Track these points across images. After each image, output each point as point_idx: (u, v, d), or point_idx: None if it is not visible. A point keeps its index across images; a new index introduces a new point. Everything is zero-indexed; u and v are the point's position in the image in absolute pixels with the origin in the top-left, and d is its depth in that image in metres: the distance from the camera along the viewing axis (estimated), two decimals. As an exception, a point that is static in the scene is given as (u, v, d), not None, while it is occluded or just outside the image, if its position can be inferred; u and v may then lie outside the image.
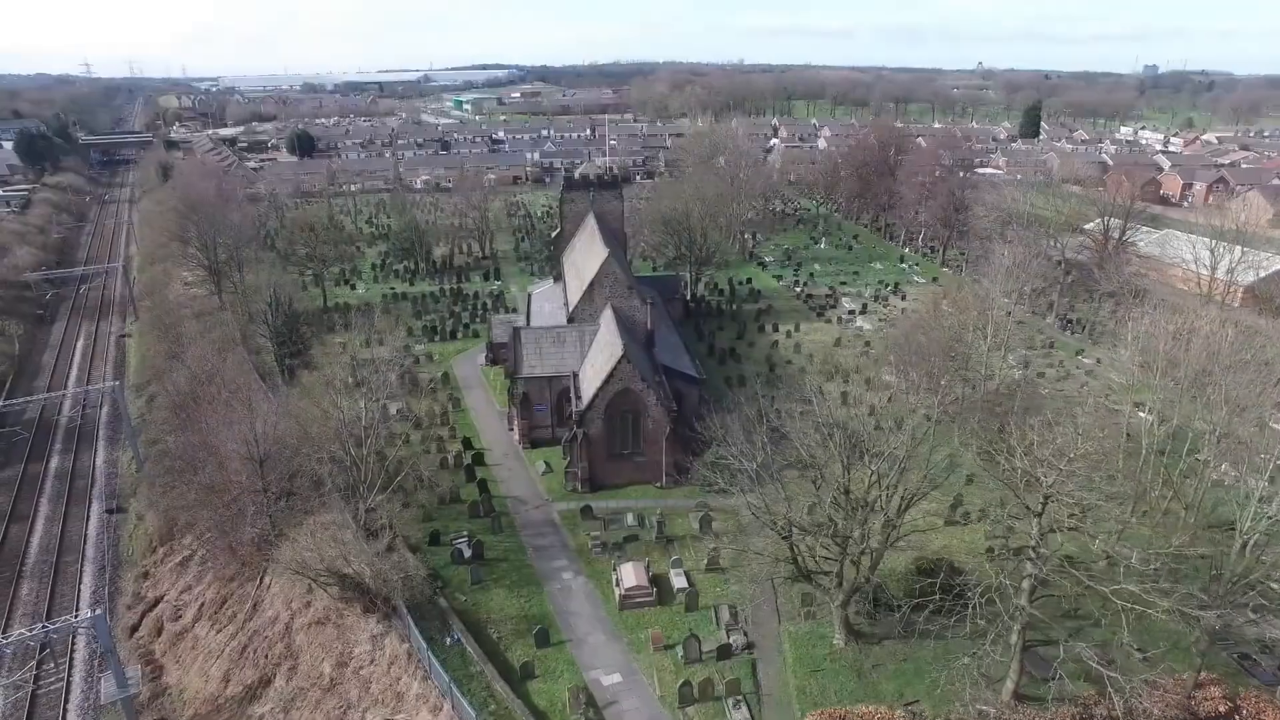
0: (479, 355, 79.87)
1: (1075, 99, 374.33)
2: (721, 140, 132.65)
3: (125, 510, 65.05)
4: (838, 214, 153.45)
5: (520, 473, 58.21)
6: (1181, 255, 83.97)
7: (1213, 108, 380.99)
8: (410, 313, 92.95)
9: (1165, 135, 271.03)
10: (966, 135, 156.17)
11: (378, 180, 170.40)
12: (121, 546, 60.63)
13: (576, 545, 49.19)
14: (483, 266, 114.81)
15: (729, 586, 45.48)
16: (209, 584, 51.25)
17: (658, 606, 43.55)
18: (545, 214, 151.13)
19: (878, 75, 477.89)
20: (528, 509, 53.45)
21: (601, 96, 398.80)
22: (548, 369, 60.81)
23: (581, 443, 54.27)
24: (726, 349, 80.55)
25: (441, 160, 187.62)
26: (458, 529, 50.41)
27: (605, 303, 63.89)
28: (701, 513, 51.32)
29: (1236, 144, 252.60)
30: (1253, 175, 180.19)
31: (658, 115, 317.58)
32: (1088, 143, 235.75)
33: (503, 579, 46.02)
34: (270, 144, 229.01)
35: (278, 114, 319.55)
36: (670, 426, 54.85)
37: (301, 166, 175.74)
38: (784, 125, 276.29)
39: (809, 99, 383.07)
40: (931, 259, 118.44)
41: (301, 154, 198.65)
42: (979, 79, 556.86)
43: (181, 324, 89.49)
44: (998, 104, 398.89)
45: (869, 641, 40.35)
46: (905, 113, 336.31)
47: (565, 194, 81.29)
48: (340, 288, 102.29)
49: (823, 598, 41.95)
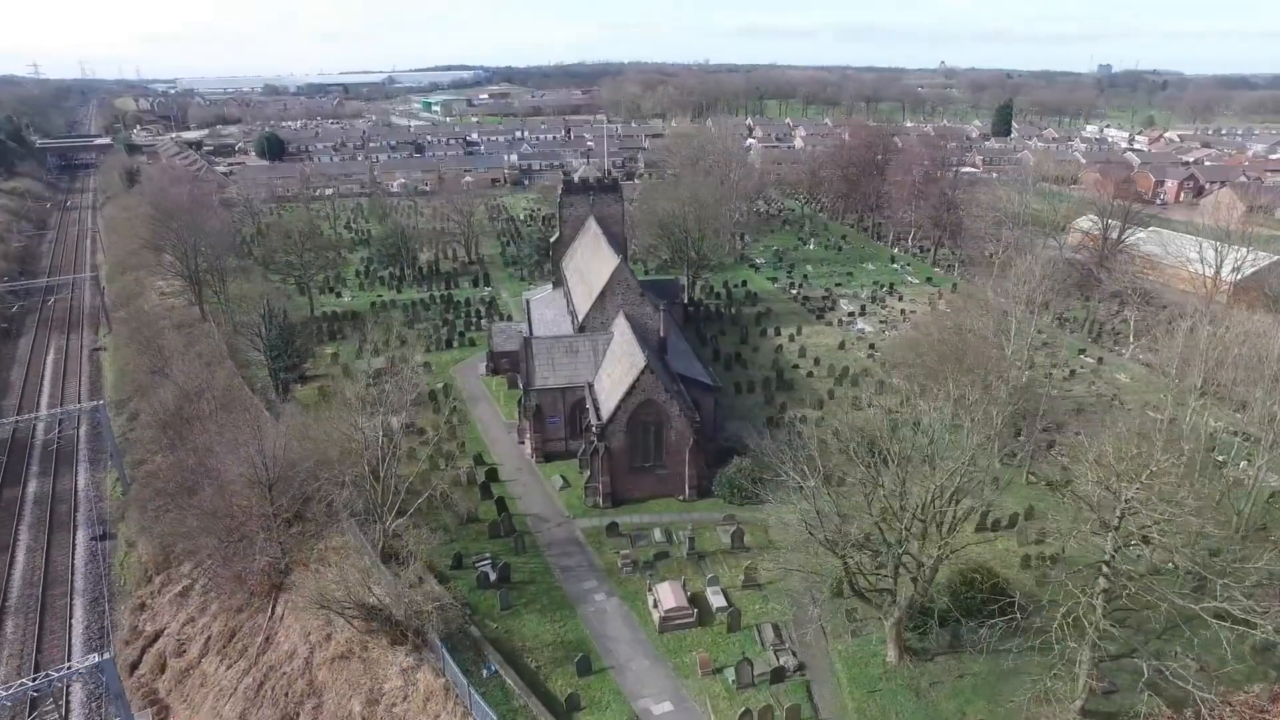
0: (479, 365, 77.58)
1: (1038, 98, 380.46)
2: (709, 141, 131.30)
3: (114, 537, 61.64)
4: (823, 214, 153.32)
5: (536, 488, 56.20)
6: (1187, 255, 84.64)
7: (1170, 106, 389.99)
8: (402, 321, 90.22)
9: (1130, 133, 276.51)
10: (942, 134, 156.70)
11: (353, 184, 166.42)
12: (113, 576, 57.31)
13: (605, 564, 47.39)
14: (470, 272, 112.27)
15: (768, 604, 44.10)
16: (215, 616, 48.45)
17: (699, 628, 41.96)
18: (528, 217, 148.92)
19: (844, 75, 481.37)
20: (549, 527, 51.48)
21: (572, 97, 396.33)
22: (561, 380, 58.88)
23: (603, 457, 52.46)
24: (732, 354, 79.27)
25: (417, 163, 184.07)
26: (479, 550, 48.32)
27: (617, 311, 62.14)
28: (732, 527, 49.78)
29: (1198, 142, 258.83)
30: (1220, 172, 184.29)
31: (631, 116, 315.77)
32: (1058, 141, 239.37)
33: (533, 603, 44.07)
34: (237, 147, 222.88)
35: (242, 116, 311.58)
36: (694, 438, 53.32)
37: (273, 170, 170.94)
38: (758, 125, 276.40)
39: (780, 98, 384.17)
40: (922, 259, 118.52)
41: (272, 157, 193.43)
42: (942, 78, 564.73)
43: (162, 336, 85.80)
44: (964, 102, 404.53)
45: (920, 658, 39.23)
46: (876, 112, 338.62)
47: (564, 198, 79.30)
48: (325, 296, 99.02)
49: (866, 611, 40.78)
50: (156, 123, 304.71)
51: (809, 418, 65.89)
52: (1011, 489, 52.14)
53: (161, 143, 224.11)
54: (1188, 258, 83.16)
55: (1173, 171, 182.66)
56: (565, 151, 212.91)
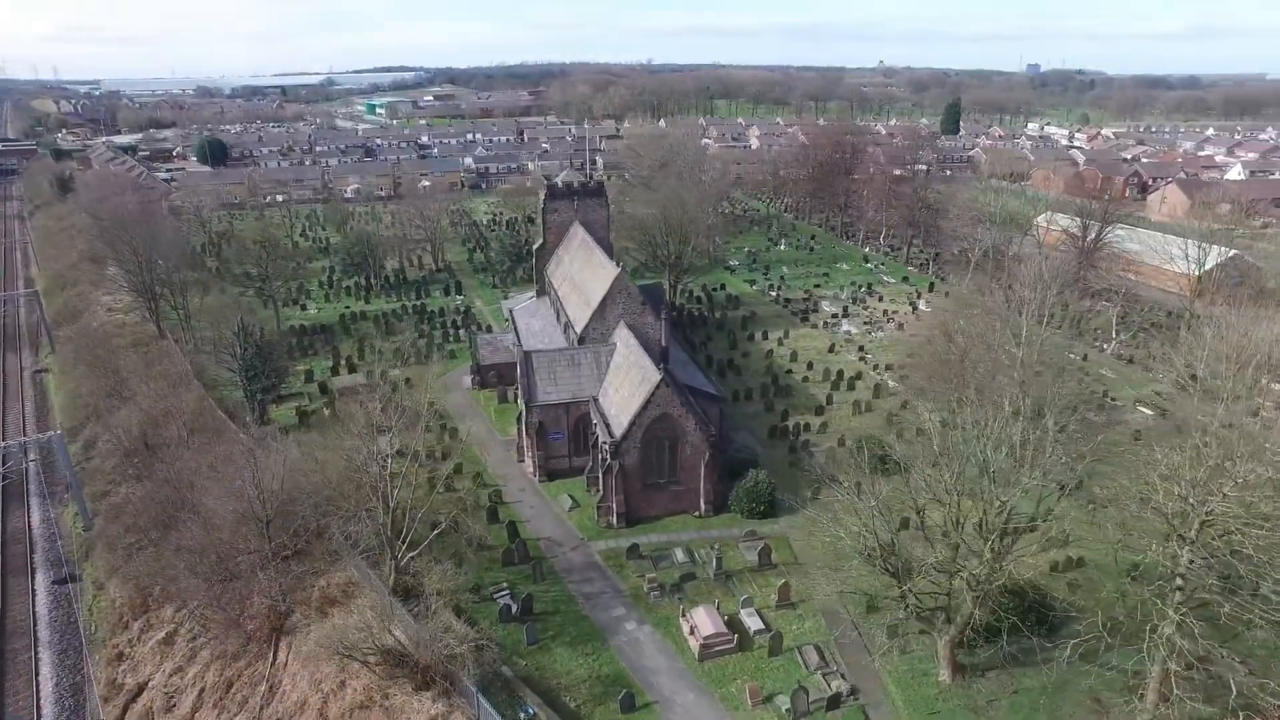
0: (463, 378, 74.55)
1: (977, 97, 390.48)
2: (678, 143, 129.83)
3: (79, 579, 56.78)
4: (788, 214, 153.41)
5: (544, 510, 53.67)
6: (1170, 252, 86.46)
7: (1100, 105, 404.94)
8: (375, 333, 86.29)
9: (1069, 131, 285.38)
10: (910, 134, 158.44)
11: (305, 189, 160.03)
12: (83, 624, 52.64)
13: (630, 589, 45.25)
14: (439, 280, 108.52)
15: (805, 624, 42.61)
16: (207, 664, 44.61)
17: (739, 653, 40.18)
18: (490, 221, 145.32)
19: (788, 74, 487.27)
20: (565, 551, 49.06)
21: (520, 99, 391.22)
22: (564, 395, 56.45)
23: (617, 475, 50.27)
24: (724, 360, 77.81)
25: (372, 167, 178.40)
26: (494, 580, 45.68)
27: (618, 321, 59.98)
28: (759, 544, 48.12)
29: (1132, 139, 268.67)
30: (1160, 169, 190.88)
31: (582, 117, 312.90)
32: (1005, 139, 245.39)
33: (560, 635, 41.67)
34: (176, 152, 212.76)
35: (176, 120, 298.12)
36: (710, 452, 51.55)
37: (218, 177, 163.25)
38: (711, 125, 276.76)
39: (729, 98, 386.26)
40: (894, 258, 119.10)
41: (214, 163, 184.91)
42: (882, 76, 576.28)
43: (116, 356, 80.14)
44: (907, 101, 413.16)
45: (972, 674, 38.19)
46: (824, 111, 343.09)
47: (548, 203, 76.62)
48: (289, 308, 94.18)
49: (905, 626, 39.60)
50: (83, 126, 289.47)
51: (812, 425, 65.06)
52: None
53: (93, 147, 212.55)
54: (1171, 255, 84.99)
55: (1118, 168, 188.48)
56: (521, 154, 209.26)
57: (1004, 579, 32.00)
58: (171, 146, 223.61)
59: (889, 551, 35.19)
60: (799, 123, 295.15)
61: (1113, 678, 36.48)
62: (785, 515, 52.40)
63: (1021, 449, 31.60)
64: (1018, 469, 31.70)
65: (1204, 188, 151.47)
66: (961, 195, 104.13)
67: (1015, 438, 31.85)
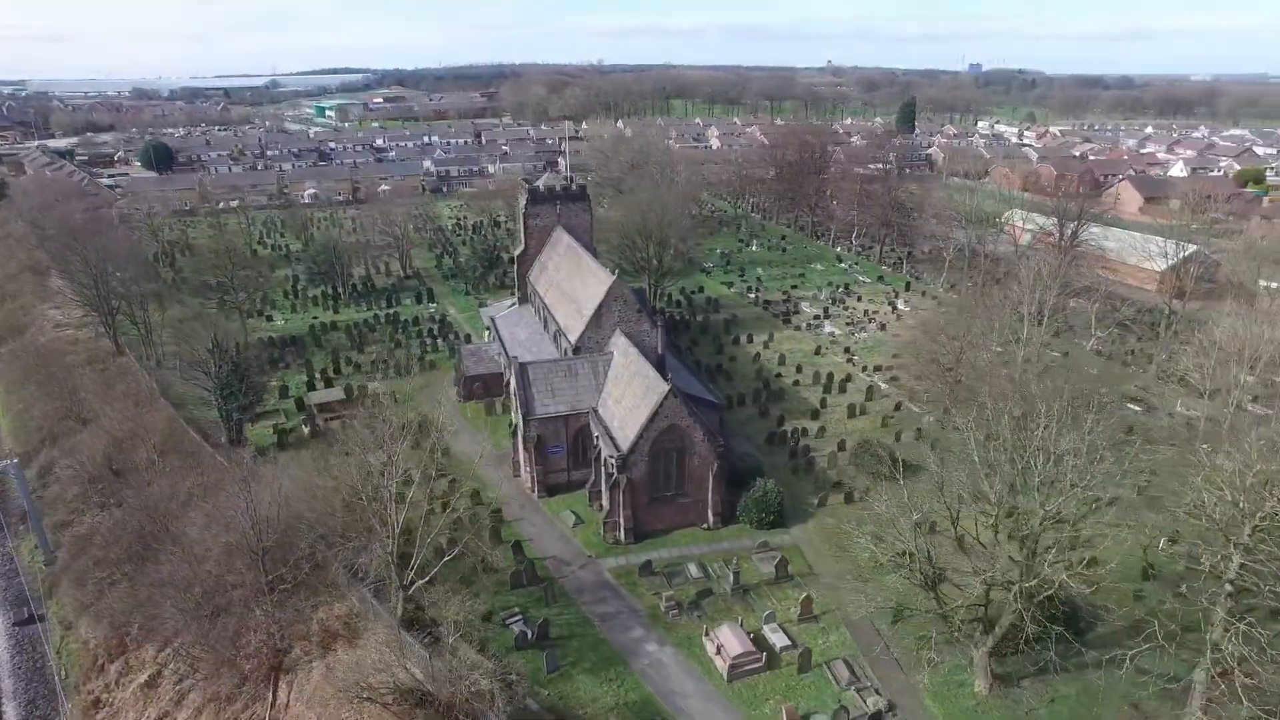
0: (447, 390, 72.02)
1: (926, 96, 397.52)
2: (649, 144, 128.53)
3: (44, 619, 52.95)
4: (756, 215, 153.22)
5: (546, 527, 51.76)
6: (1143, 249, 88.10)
7: (1044, 104, 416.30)
8: (349, 345, 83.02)
9: (1019, 129, 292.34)
10: (880, 135, 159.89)
11: (260, 195, 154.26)
12: (51, 668, 48.99)
13: (646, 608, 43.73)
14: (409, 287, 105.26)
15: (829, 637, 41.64)
16: (198, 709, 41.68)
17: (767, 672, 38.98)
18: (455, 226, 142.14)
19: (739, 74, 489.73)
20: (573, 570, 47.30)
21: (473, 101, 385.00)
22: (562, 407, 54.58)
23: (624, 489, 48.68)
24: (713, 365, 76.75)
25: (328, 171, 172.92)
26: (504, 604, 43.70)
27: (613, 329, 58.33)
28: (775, 556, 47.03)
29: (1079, 137, 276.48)
30: (1109, 166, 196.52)
31: (538, 118, 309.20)
32: (959, 137, 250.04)
33: (580, 661, 39.93)
34: (117, 157, 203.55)
35: (114, 123, 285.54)
36: (717, 462, 50.29)
37: (167, 182, 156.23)
38: (670, 125, 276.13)
39: (684, 98, 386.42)
40: (866, 256, 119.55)
41: (160, 168, 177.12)
42: (830, 75, 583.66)
43: (71, 375, 75.46)
44: (858, 100, 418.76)
45: (1007, 683, 37.61)
46: (780, 111, 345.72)
47: (529, 208, 74.48)
48: (254, 319, 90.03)
49: (932, 636, 38.90)
50: (11, 129, 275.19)
51: (809, 430, 64.30)
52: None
53: (25, 151, 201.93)
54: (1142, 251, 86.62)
55: (1071, 165, 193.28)
56: (481, 157, 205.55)
57: (1053, 589, 31.31)
58: (112, 151, 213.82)
59: (926, 563, 34.32)
60: (755, 122, 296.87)
61: (1147, 682, 36.30)
62: (795, 524, 51.54)
63: (1074, 457, 30.92)
64: (1065, 477, 31.04)
65: (1159, 184, 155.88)
66: (935, 194, 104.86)
67: (1062, 446, 31.21)
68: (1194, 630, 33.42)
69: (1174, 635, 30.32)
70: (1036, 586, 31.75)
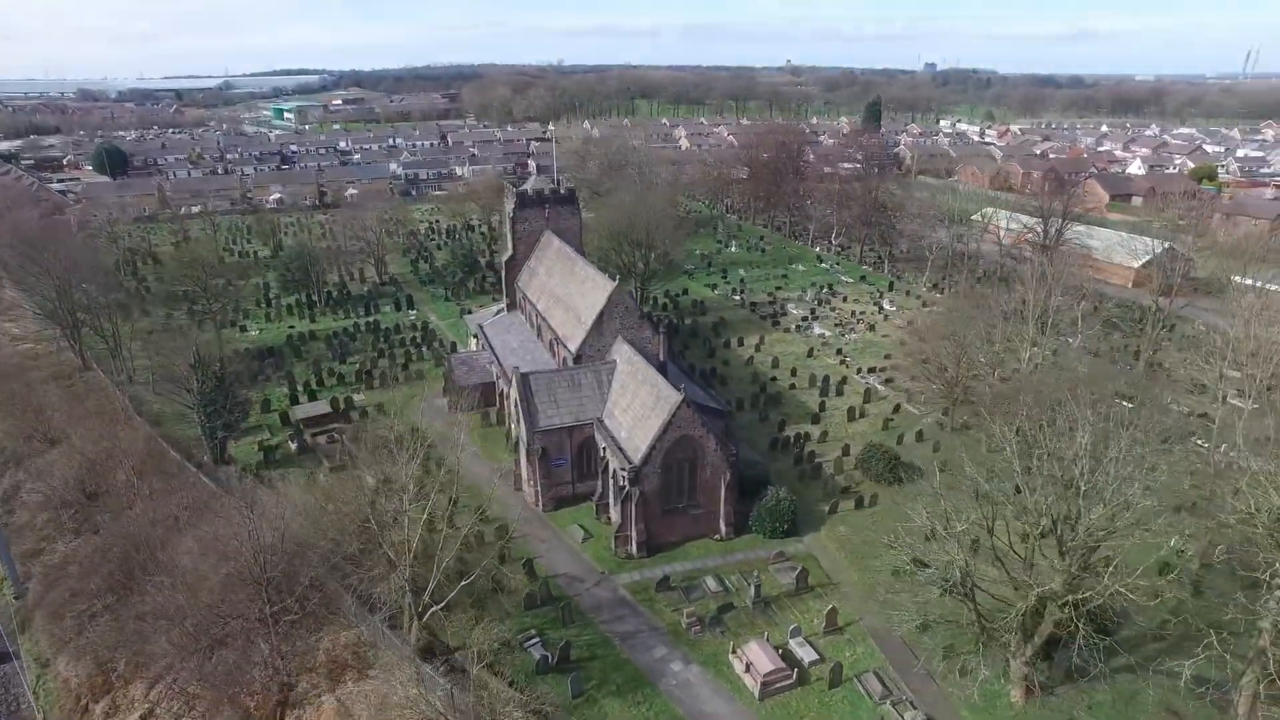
0: (435, 400, 70.00)
1: (886, 95, 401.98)
2: (627, 144, 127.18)
3: (17, 657, 49.64)
4: (731, 215, 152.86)
5: (554, 543, 50.15)
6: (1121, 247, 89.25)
7: (1001, 103, 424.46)
8: (329, 355, 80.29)
9: (981, 127, 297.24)
10: (862, 135, 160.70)
11: (222, 200, 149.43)
12: (30, 709, 45.92)
13: (667, 625, 42.45)
14: (386, 294, 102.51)
15: (856, 649, 40.83)
16: (198, 748, 39.29)
17: (799, 688, 37.99)
18: (428, 230, 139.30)
19: (702, 74, 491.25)
20: (587, 587, 45.81)
21: (436, 102, 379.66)
22: (566, 418, 53.01)
23: (637, 502, 47.35)
24: (707, 370, 75.77)
25: (294, 175, 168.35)
26: (519, 625, 42.02)
27: (615, 336, 56.93)
28: (795, 568, 46.10)
29: (1039, 135, 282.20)
30: (1074, 165, 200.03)
31: (504, 119, 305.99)
32: (923, 136, 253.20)
33: (605, 684, 38.50)
34: (67, 161, 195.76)
35: (60, 125, 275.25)
36: (730, 472, 49.23)
37: (123, 188, 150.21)
38: (638, 126, 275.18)
39: (649, 98, 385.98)
40: (846, 256, 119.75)
41: (114, 173, 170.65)
42: (790, 75, 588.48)
43: (35, 392, 71.45)
44: (820, 99, 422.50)
45: (1042, 691, 37.10)
46: (745, 110, 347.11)
47: (518, 212, 72.66)
48: (227, 330, 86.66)
49: (961, 644, 38.32)
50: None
51: (811, 435, 63.58)
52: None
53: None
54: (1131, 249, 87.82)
55: (1035, 163, 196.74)
56: (449, 159, 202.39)
57: (1103, 599, 30.79)
58: (61, 154, 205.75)
59: (966, 575, 33.63)
60: (722, 122, 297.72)
61: (1179, 686, 36.09)
62: (808, 533, 50.72)
63: (1118, 465, 30.41)
64: (1110, 485, 30.52)
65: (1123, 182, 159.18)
66: (917, 194, 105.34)
67: (1113, 453, 30.71)
68: (1236, 634, 33.19)
69: (1226, 642, 29.89)
70: (1089, 597, 31.17)
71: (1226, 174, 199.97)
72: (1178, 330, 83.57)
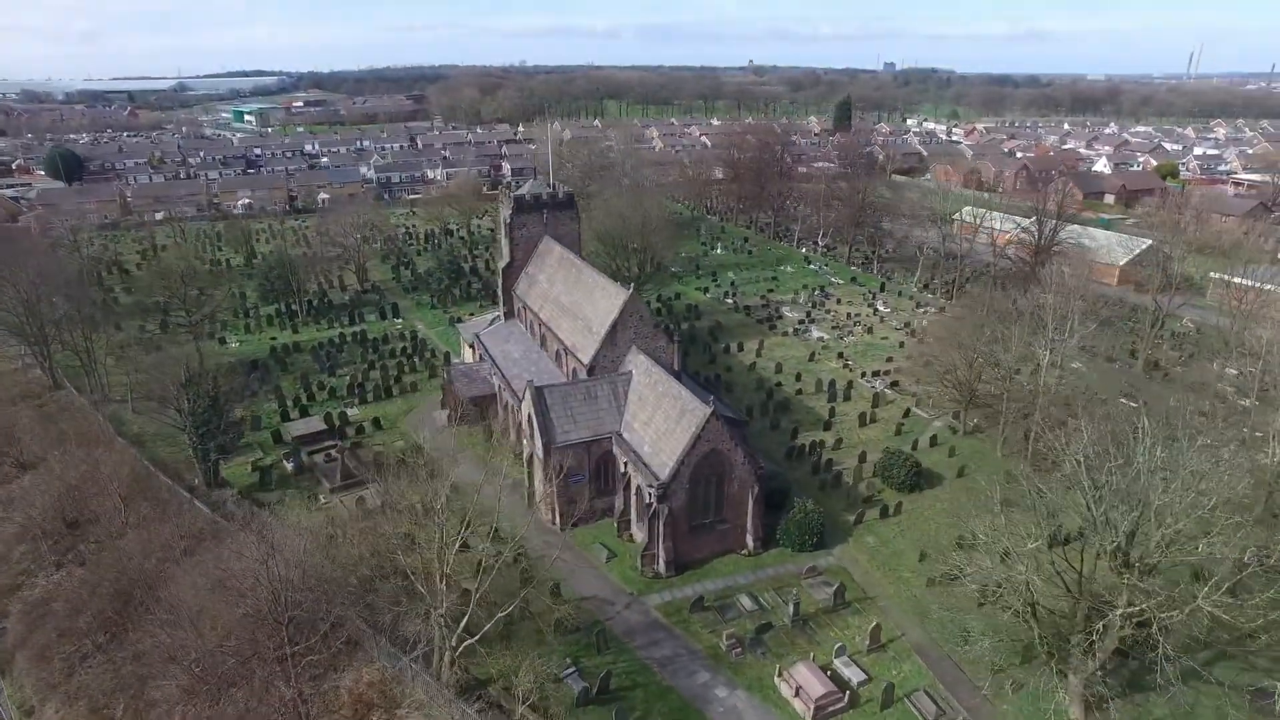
0: (433, 413, 67.47)
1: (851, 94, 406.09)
2: (608, 146, 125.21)
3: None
4: (713, 216, 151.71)
5: (577, 563, 48.02)
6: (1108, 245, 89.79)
7: (964, 102, 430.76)
8: (317, 368, 77.09)
9: (948, 126, 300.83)
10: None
11: (188, 206, 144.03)
12: (24, 760, 42.67)
13: (706, 648, 40.78)
14: (369, 301, 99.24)
15: (903, 666, 39.60)
16: (213, 799, 36.57)
17: (850, 711, 36.60)
18: (406, 235, 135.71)
19: (668, 75, 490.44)
20: (618, 610, 43.94)
21: (402, 104, 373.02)
22: (584, 433, 51.01)
23: (665, 519, 45.60)
24: (710, 376, 74.23)
25: (262, 180, 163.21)
26: (551, 652, 39.93)
27: (628, 346, 55.07)
28: (832, 583, 44.76)
29: (1004, 134, 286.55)
30: (1044, 163, 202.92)
31: (472, 121, 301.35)
32: (895, 134, 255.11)
33: (650, 716, 36.70)
34: (16, 165, 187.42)
35: (5, 128, 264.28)
36: (757, 485, 47.74)
37: (81, 193, 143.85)
38: (609, 127, 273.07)
39: (617, 99, 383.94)
40: (834, 257, 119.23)
41: (69, 178, 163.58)
42: (754, 75, 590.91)
43: (3, 413, 67.30)
44: (785, 99, 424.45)
45: (1097, 706, 36.18)
46: (714, 111, 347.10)
47: (515, 217, 70.33)
48: (207, 343, 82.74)
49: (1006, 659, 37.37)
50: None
51: (826, 442, 62.34)
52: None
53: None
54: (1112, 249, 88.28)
55: (1007, 162, 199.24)
56: (421, 162, 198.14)
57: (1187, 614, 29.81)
58: (9, 158, 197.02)
59: (1030, 594, 32.52)
60: (692, 122, 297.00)
61: (1229, 695, 35.55)
62: (837, 545, 49.48)
63: (1195, 478, 29.52)
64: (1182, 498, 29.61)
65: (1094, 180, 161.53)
66: (909, 195, 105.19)
67: (1190, 466, 29.82)
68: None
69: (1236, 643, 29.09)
70: (1173, 615, 30.22)
71: (1187, 171, 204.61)
72: (1166, 327, 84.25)
